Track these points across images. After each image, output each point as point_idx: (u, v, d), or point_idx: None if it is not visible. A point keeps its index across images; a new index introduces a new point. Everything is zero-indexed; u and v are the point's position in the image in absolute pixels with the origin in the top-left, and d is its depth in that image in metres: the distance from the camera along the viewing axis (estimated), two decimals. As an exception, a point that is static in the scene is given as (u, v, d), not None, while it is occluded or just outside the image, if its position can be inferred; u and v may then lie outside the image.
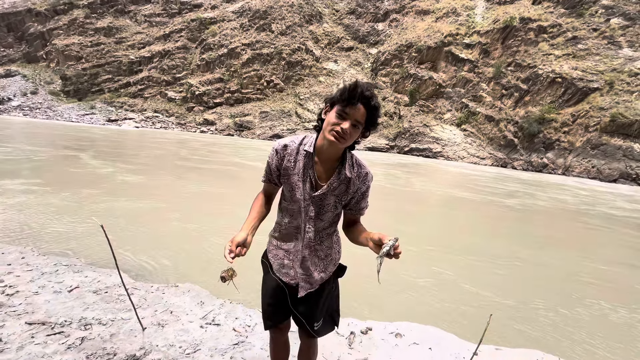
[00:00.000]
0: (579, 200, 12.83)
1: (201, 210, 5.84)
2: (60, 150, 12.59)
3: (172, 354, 1.96)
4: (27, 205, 5.09)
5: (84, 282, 2.76)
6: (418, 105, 38.01)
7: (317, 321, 1.38)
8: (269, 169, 1.30)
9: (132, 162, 11.37)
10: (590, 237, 7.03)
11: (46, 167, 8.59)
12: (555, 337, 2.85)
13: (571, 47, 32.34)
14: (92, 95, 47.15)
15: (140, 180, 8.06)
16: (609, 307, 3.54)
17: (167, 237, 4.34)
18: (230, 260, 1.09)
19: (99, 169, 8.97)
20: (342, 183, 1.23)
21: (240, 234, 1.17)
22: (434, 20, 41.87)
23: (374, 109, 1.10)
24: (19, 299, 2.38)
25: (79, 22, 50.17)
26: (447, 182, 14.82)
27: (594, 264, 4.96)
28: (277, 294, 1.37)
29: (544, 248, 5.66)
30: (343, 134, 1.08)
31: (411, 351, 2.30)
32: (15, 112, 39.62)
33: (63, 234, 4.09)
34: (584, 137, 28.33)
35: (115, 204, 5.67)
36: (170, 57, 48.05)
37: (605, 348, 2.76)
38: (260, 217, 1.31)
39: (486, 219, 7.89)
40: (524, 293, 3.73)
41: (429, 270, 4.11)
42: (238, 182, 9.64)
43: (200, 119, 42.96)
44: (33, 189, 6.07)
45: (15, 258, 3.11)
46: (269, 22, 46.85)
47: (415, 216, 7.41)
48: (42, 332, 2.03)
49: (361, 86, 1.08)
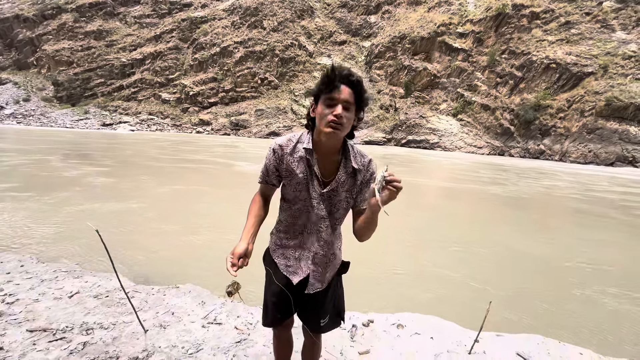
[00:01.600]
0: (572, 186, 12.90)
1: (195, 210, 5.83)
2: (46, 154, 12.53)
3: (175, 355, 1.97)
4: (13, 210, 5.07)
5: (84, 288, 2.76)
6: (413, 96, 37.97)
7: (324, 318, 1.37)
8: (266, 170, 1.26)
9: (104, 164, 11.32)
10: (584, 222, 7.07)
11: (29, 172, 8.55)
12: (555, 323, 2.88)
13: (564, 32, 32.28)
14: (85, 100, 46.81)
15: (115, 182, 8.04)
16: (609, 292, 3.57)
17: (166, 239, 4.33)
18: (234, 274, 1.07)
19: (71, 171, 8.93)
20: (349, 176, 1.21)
21: (241, 245, 1.15)
22: (426, 11, 41.66)
23: (358, 84, 1.08)
24: (19, 306, 2.38)
25: (68, 26, 49.60)
26: (439, 175, 14.86)
27: (588, 249, 5.00)
28: (281, 294, 1.34)
29: (539, 235, 5.69)
30: (338, 120, 1.06)
31: (413, 341, 2.31)
32: (8, 121, 39.29)
33: (58, 240, 4.08)
34: (579, 122, 28.40)
35: (102, 206, 5.65)
36: (163, 59, 47.68)
37: (609, 331, 2.79)
38: (258, 221, 1.28)
39: (479, 208, 7.92)
40: (521, 280, 3.76)
41: (428, 262, 4.13)
42: (232, 180, 9.62)
43: (196, 119, 42.78)
44: (17, 195, 6.04)
45: (14, 266, 3.10)
46: (260, 18, 46.48)
47: (411, 208, 7.44)
48: (44, 338, 2.03)
49: (337, 68, 1.07)
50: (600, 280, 3.81)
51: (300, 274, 1.29)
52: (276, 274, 1.34)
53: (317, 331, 1.43)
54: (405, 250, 4.54)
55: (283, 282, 1.31)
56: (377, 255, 4.12)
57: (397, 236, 5.00)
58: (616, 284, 3.70)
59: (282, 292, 1.30)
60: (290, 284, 1.30)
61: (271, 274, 1.37)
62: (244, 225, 1.25)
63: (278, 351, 1.56)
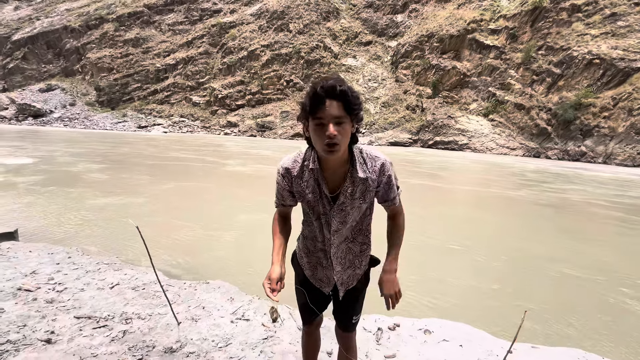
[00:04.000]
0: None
1: (225, 211, 6.02)
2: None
3: (206, 347, 2.05)
4: (56, 204, 5.49)
5: (124, 280, 2.95)
6: (441, 96, 36.81)
7: (357, 315, 1.41)
8: (280, 195, 1.27)
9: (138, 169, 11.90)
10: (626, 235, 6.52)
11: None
12: (594, 338, 2.69)
13: (610, 25, 29.88)
14: (123, 104, 49.85)
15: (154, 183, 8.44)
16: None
17: (194, 236, 4.52)
18: (275, 300, 1.10)
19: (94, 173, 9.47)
20: (357, 186, 1.16)
21: (275, 270, 1.16)
22: (455, 8, 40.28)
23: (343, 94, 0.99)
24: (67, 295, 2.58)
25: (109, 35, 53.11)
26: (469, 180, 14.28)
27: (630, 263, 4.61)
28: (313, 293, 1.40)
29: (579, 248, 5.32)
30: (332, 140, 1.00)
31: (441, 348, 2.25)
32: (56, 124, 42.74)
33: (100, 234, 4.38)
34: (627, 122, 26.16)
35: (130, 200, 5.98)
36: (194, 63, 49.73)
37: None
38: (284, 242, 1.28)
39: (513, 216, 7.53)
40: (559, 291, 3.54)
41: (456, 268, 4.00)
42: (250, 181, 9.83)
43: (224, 121, 44.17)
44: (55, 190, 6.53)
45: (62, 258, 3.37)
46: (286, 22, 47.19)
47: (439, 214, 7.23)
48: (89, 325, 2.19)
49: (317, 85, 1.00)
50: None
51: (328, 283, 1.34)
52: (304, 282, 1.41)
53: (349, 330, 1.45)
54: (433, 255, 4.42)
55: (312, 287, 1.38)
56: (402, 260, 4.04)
57: (426, 238, 4.88)
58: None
59: (314, 292, 1.38)
60: (320, 292, 1.37)
61: (299, 277, 1.43)
62: (271, 247, 1.27)
63: (306, 348, 1.59)
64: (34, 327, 2.10)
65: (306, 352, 1.60)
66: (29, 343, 1.93)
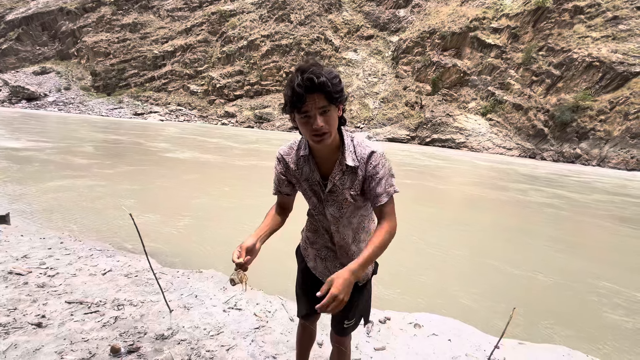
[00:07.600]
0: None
1: (222, 200, 6.01)
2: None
3: (197, 335, 2.06)
4: (53, 190, 5.44)
5: (116, 266, 2.94)
6: (441, 94, 36.76)
7: (349, 319, 1.35)
8: (277, 180, 1.28)
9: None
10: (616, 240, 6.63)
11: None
12: (582, 336, 2.75)
13: (611, 28, 29.90)
14: (119, 90, 49.08)
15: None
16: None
17: (191, 225, 4.51)
18: (235, 260, 1.09)
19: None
20: (345, 173, 1.14)
21: (250, 239, 1.15)
22: (458, 5, 40.01)
23: (322, 85, 0.96)
24: (59, 280, 2.57)
25: (106, 19, 51.99)
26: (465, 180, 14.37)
27: (617, 268, 4.69)
28: (311, 286, 1.38)
29: (569, 248, 5.41)
30: (320, 131, 1.01)
31: (430, 342, 2.29)
32: (51, 107, 42.02)
33: (94, 220, 4.35)
34: (622, 126, 26.39)
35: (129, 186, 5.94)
36: (192, 51, 48.97)
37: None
38: (270, 228, 1.26)
39: (506, 216, 7.61)
40: (547, 291, 3.60)
41: (448, 265, 4.04)
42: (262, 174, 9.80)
43: (222, 111, 43.78)
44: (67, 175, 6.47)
45: (54, 243, 3.35)
46: (287, 12, 46.54)
47: (433, 212, 7.28)
48: (80, 310, 2.19)
49: (296, 80, 0.97)
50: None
51: (327, 274, 1.33)
52: (306, 274, 1.42)
53: (340, 334, 1.41)
54: (426, 251, 4.46)
55: (313, 282, 1.38)
56: (394, 255, 4.08)
57: (421, 239, 4.92)
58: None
59: (312, 285, 1.37)
60: (320, 285, 1.35)
61: (301, 272, 1.45)
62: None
63: (301, 340, 1.61)
64: (25, 310, 2.09)
65: (300, 344, 1.61)
66: (19, 326, 1.93)
